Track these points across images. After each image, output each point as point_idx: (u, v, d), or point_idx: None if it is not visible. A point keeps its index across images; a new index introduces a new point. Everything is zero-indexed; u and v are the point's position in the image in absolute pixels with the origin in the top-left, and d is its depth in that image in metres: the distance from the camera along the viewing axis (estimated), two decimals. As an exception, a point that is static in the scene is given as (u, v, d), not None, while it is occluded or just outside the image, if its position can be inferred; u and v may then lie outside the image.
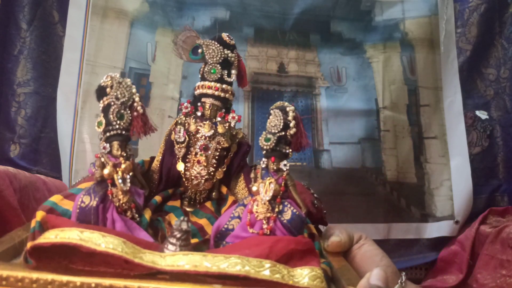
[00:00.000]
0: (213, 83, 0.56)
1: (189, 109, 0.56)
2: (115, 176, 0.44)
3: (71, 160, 0.95)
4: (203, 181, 0.56)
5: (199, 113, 0.56)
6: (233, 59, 0.57)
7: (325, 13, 1.08)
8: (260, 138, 0.49)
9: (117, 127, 0.45)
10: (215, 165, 0.56)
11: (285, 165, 0.48)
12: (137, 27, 1.02)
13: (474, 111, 1.07)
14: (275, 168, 0.48)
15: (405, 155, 1.07)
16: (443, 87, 1.08)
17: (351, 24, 1.09)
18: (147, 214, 0.48)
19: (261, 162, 0.50)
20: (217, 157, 0.56)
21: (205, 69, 0.56)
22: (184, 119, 0.56)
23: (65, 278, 0.37)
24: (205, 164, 0.55)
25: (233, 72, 0.57)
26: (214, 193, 0.59)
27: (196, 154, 0.55)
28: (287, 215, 0.46)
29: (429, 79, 1.09)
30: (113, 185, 0.44)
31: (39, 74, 0.98)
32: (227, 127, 0.56)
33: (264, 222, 0.45)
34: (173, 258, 0.38)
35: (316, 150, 1.05)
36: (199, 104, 0.57)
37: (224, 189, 0.59)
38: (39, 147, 0.98)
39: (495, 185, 1.04)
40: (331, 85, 1.08)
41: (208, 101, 0.56)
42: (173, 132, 0.56)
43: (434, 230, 1.04)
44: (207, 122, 0.55)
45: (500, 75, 1.06)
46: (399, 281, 0.39)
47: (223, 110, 0.57)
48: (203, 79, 0.57)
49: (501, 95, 1.05)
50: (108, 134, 0.46)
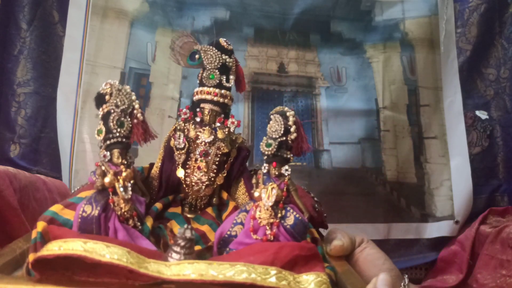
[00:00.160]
0: (212, 89, 0.56)
1: (188, 115, 0.56)
2: (116, 184, 0.44)
3: (71, 160, 0.95)
4: (203, 187, 0.56)
5: (198, 119, 0.56)
6: (231, 64, 0.57)
7: (325, 13, 1.08)
8: (261, 143, 0.49)
9: (118, 135, 0.45)
10: (215, 171, 0.56)
11: (286, 170, 0.48)
12: (137, 27, 1.02)
13: (474, 111, 1.07)
14: (277, 173, 0.48)
15: (405, 155, 1.07)
16: (443, 87, 1.08)
17: (351, 24, 1.09)
18: (149, 222, 0.48)
19: (262, 167, 0.49)
20: (217, 163, 0.56)
21: (204, 75, 0.56)
22: (183, 125, 0.56)
23: (69, 290, 0.36)
24: (206, 170, 0.55)
25: (232, 77, 0.57)
26: (214, 199, 0.58)
27: (196, 160, 0.55)
28: (290, 221, 0.46)
29: (429, 79, 1.09)
30: (115, 193, 0.44)
31: (39, 74, 0.98)
32: (226, 133, 0.56)
33: (267, 228, 0.45)
34: (179, 267, 0.37)
35: (316, 150, 1.05)
36: (198, 109, 0.56)
37: (224, 195, 0.59)
38: (39, 147, 0.98)
39: (495, 185, 1.05)
40: (331, 85, 1.08)
41: (207, 107, 0.56)
42: (172, 138, 0.56)
43: (434, 230, 1.04)
44: (207, 127, 0.55)
45: (500, 75, 1.06)
46: (402, 284, 0.39)
47: (222, 115, 0.57)
48: (201, 84, 0.57)
49: (501, 95, 1.05)
50: (108, 142, 0.45)
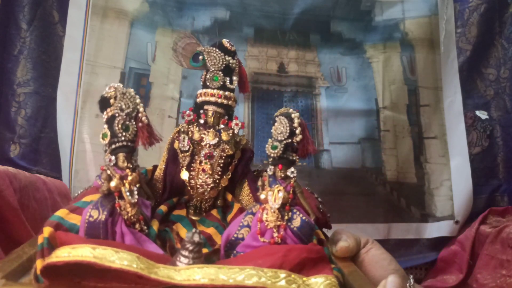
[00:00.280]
0: (215, 91, 0.56)
1: (192, 117, 0.56)
2: (123, 188, 0.43)
3: (71, 160, 0.95)
4: (208, 189, 0.55)
5: (202, 121, 0.56)
6: (234, 65, 0.57)
7: (325, 13, 1.08)
8: (266, 145, 0.49)
9: (123, 138, 0.45)
10: (220, 173, 0.55)
11: (292, 172, 0.48)
12: (137, 27, 1.02)
13: (474, 111, 1.07)
14: (283, 175, 0.48)
15: (405, 155, 1.07)
16: (443, 87, 1.08)
17: (351, 24, 1.09)
18: (155, 225, 0.48)
19: (268, 169, 0.49)
20: (222, 165, 0.55)
21: (207, 77, 0.56)
22: (187, 127, 0.56)
23: (78, 296, 0.36)
24: (210, 172, 0.55)
25: (235, 78, 0.57)
26: (219, 201, 0.58)
27: (200, 162, 0.55)
28: (297, 223, 0.45)
29: (429, 79, 1.09)
30: (121, 197, 0.43)
31: (39, 74, 0.98)
32: (231, 134, 0.56)
33: (274, 230, 0.45)
34: (188, 272, 0.37)
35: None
36: (201, 111, 0.56)
37: (229, 196, 0.59)
38: (39, 147, 0.98)
39: (495, 185, 1.05)
40: (331, 85, 1.08)
41: (211, 109, 0.56)
42: (176, 140, 0.56)
43: (434, 230, 1.04)
44: (211, 130, 0.55)
45: (500, 75, 1.06)
46: (408, 284, 0.39)
47: (226, 117, 0.57)
48: (205, 86, 0.56)
49: (501, 95, 1.06)
50: (113, 146, 0.45)
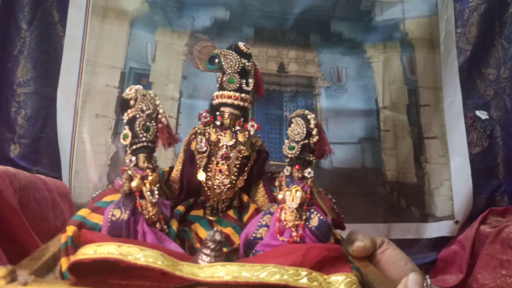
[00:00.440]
0: (232, 93, 0.57)
1: (208, 118, 0.57)
2: (144, 188, 0.44)
3: (71, 160, 0.95)
4: (225, 190, 0.56)
5: (218, 122, 0.57)
6: (250, 68, 0.58)
7: (325, 13, 1.08)
8: (283, 146, 0.50)
9: (144, 139, 0.45)
10: (236, 174, 0.56)
11: (309, 173, 0.49)
12: (137, 27, 1.01)
13: (474, 111, 1.07)
14: (300, 175, 0.49)
15: (405, 155, 1.07)
16: (443, 87, 1.08)
17: (351, 24, 1.09)
18: (174, 225, 0.48)
19: (285, 169, 0.50)
20: (238, 166, 0.56)
21: (224, 79, 0.57)
22: (203, 128, 0.56)
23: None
24: (227, 173, 0.55)
25: (251, 81, 0.58)
26: (235, 201, 0.59)
27: (217, 163, 0.56)
28: (315, 222, 0.46)
29: (429, 79, 1.09)
30: (141, 197, 0.44)
31: (39, 74, 0.98)
32: (247, 136, 0.56)
33: (293, 230, 0.46)
34: (212, 269, 0.38)
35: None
36: (217, 113, 0.57)
37: (245, 197, 0.59)
38: (39, 147, 0.97)
39: (495, 185, 1.05)
40: (331, 85, 1.08)
41: (227, 110, 0.57)
42: (192, 142, 0.57)
43: (434, 230, 1.04)
44: (228, 131, 0.56)
45: (500, 75, 1.06)
46: (425, 284, 0.39)
47: (242, 118, 0.58)
48: (221, 88, 0.57)
49: (501, 95, 1.06)
50: (134, 146, 0.45)
